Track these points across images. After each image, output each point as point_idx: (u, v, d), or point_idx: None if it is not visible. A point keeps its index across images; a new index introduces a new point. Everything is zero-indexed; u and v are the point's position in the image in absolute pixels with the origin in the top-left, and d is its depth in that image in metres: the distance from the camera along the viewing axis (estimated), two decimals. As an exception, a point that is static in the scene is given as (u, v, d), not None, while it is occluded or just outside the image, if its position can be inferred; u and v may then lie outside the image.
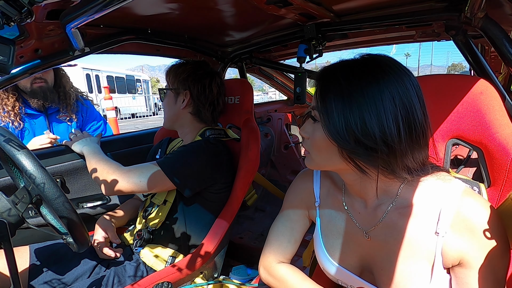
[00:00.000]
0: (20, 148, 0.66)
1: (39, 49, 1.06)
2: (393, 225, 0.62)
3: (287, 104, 2.65)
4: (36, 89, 1.64)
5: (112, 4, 0.73)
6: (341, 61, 0.60)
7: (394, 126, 0.53)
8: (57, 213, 0.67)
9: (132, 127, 10.17)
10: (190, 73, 1.21)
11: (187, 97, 1.21)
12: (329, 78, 0.58)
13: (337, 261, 0.72)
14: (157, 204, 1.17)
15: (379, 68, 0.55)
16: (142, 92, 18.56)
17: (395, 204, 0.62)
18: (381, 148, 0.53)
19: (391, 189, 0.62)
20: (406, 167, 0.56)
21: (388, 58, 0.57)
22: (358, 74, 0.55)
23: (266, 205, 2.21)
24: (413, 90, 0.55)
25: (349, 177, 0.64)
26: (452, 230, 0.56)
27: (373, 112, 0.53)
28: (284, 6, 1.05)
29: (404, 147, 0.54)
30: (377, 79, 0.54)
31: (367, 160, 0.56)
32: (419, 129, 0.55)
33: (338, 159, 0.59)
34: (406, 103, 0.54)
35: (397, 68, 0.56)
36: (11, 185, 1.20)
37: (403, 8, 1.09)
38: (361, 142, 0.54)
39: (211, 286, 1.02)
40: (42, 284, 1.02)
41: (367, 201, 0.66)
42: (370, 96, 0.53)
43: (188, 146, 1.14)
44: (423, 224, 0.59)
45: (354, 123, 0.54)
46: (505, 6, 0.87)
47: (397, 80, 0.54)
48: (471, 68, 0.98)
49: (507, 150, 0.66)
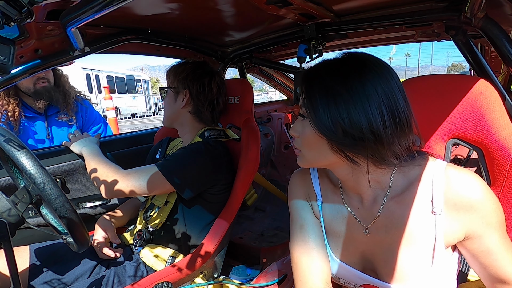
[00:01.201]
0: (20, 148, 0.66)
1: (39, 49, 1.06)
2: (392, 215, 0.63)
3: (287, 104, 2.65)
4: (40, 90, 1.63)
5: (112, 4, 0.73)
6: (323, 60, 0.63)
7: (378, 114, 0.55)
8: (57, 213, 0.67)
9: (132, 127, 10.17)
10: (189, 72, 1.21)
11: (186, 96, 1.21)
12: (314, 76, 0.61)
13: (340, 259, 0.72)
14: (158, 206, 1.17)
15: (360, 62, 0.59)
16: (142, 92, 18.56)
17: (390, 193, 0.63)
18: (367, 136, 0.55)
19: (383, 179, 0.63)
20: (394, 153, 0.58)
21: (368, 55, 0.60)
22: (340, 69, 0.58)
23: (266, 205, 2.21)
24: (393, 81, 0.58)
25: (342, 172, 0.65)
26: (447, 207, 0.58)
27: (358, 103, 0.55)
28: (284, 6, 1.05)
29: (390, 134, 0.56)
30: (359, 72, 0.57)
31: (356, 150, 0.58)
32: (403, 116, 0.58)
33: (328, 153, 0.61)
34: (388, 93, 0.56)
35: (377, 62, 0.59)
36: (11, 185, 1.20)
37: (403, 8, 1.09)
38: (348, 133, 0.56)
39: (211, 286, 1.02)
40: (42, 284, 1.02)
41: (363, 196, 0.67)
42: (354, 89, 0.56)
43: (187, 148, 1.14)
44: (419, 207, 0.60)
45: (340, 116, 0.56)
46: (505, 6, 0.87)
47: (378, 73, 0.57)
48: (471, 68, 0.98)
49: (507, 150, 0.66)
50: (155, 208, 1.18)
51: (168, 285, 0.81)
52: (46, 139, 1.71)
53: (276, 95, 16.01)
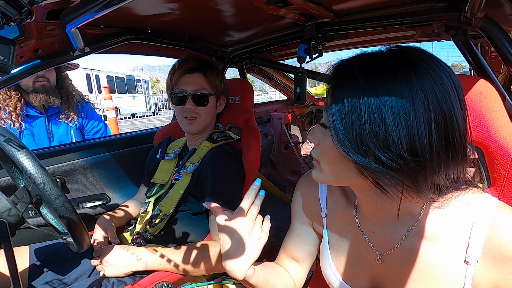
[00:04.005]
0: (20, 148, 0.66)
1: (39, 49, 1.06)
2: (413, 250, 0.54)
3: (287, 104, 2.65)
4: (39, 88, 1.65)
5: (112, 4, 0.73)
6: (361, 53, 0.48)
7: (426, 137, 0.42)
8: (57, 213, 0.67)
9: (132, 127, 10.17)
10: (221, 75, 1.23)
11: (224, 100, 1.25)
12: (344, 74, 0.47)
13: (345, 279, 0.66)
14: (165, 213, 1.14)
15: (410, 62, 0.44)
16: (142, 92, 18.56)
17: (417, 227, 0.53)
18: (407, 163, 0.43)
19: (412, 210, 0.53)
20: (436, 185, 0.47)
21: (423, 51, 0.46)
22: (381, 69, 0.44)
23: (266, 205, 2.21)
24: (454, 92, 0.44)
25: (363, 193, 0.56)
26: (484, 258, 0.47)
27: (401, 117, 0.42)
28: (284, 6, 1.05)
29: (436, 162, 0.44)
30: (408, 75, 0.42)
31: (389, 177, 0.45)
32: (459, 142, 0.45)
33: (354, 175, 0.49)
34: (445, 108, 0.43)
35: (434, 63, 0.44)
36: (11, 185, 1.20)
37: (403, 8, 1.09)
38: (380, 155, 0.43)
39: (211, 286, 1.02)
40: (42, 284, 1.02)
41: (383, 221, 0.57)
42: (397, 97, 0.42)
43: (221, 174, 1.10)
44: (450, 250, 0.50)
45: (373, 131, 0.43)
46: (505, 6, 0.87)
47: (434, 79, 0.43)
48: (471, 68, 0.98)
49: (507, 150, 0.65)
50: (161, 215, 1.15)
51: (168, 285, 0.81)
52: (48, 138, 1.71)
53: (276, 95, 16.00)
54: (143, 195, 1.37)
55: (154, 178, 1.28)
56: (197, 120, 1.20)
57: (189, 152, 1.23)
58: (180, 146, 1.32)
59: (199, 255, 0.98)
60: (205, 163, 1.13)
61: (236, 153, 1.22)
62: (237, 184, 1.13)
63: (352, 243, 0.64)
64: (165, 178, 1.25)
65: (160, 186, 1.24)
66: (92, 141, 1.62)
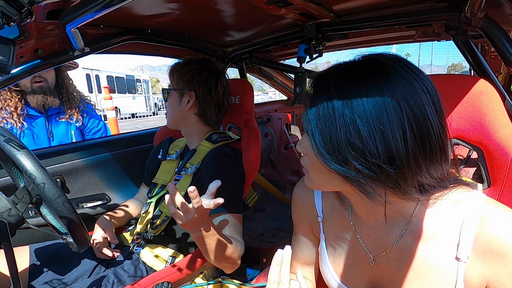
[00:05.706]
0: (20, 148, 0.66)
1: (39, 49, 1.06)
2: (408, 250, 0.56)
3: (287, 104, 2.65)
4: (36, 89, 1.65)
5: (112, 4, 0.73)
6: (335, 65, 0.51)
7: (401, 143, 0.44)
8: (57, 213, 0.67)
9: (132, 127, 10.17)
10: (195, 73, 1.17)
11: (192, 98, 1.17)
12: (320, 87, 0.50)
13: (343, 281, 0.68)
14: (166, 215, 1.14)
15: (382, 71, 0.46)
16: (142, 92, 18.57)
17: (410, 227, 0.55)
18: (385, 166, 0.45)
19: (405, 210, 0.55)
20: (420, 185, 0.49)
21: (393, 58, 0.48)
22: (354, 80, 0.46)
23: (266, 205, 2.21)
24: (425, 96, 0.46)
25: (354, 198, 0.58)
26: (475, 254, 0.49)
27: (376, 127, 0.44)
28: (284, 6, 1.05)
29: (415, 163, 0.46)
30: (379, 85, 0.45)
31: (371, 181, 0.47)
32: (435, 143, 0.46)
33: (339, 182, 0.51)
34: (418, 113, 0.44)
35: (406, 70, 0.46)
36: (11, 185, 1.20)
37: (403, 8, 1.09)
38: (358, 164, 0.45)
39: (211, 286, 1.02)
40: (42, 284, 1.02)
41: (376, 223, 0.59)
42: (370, 107, 0.44)
43: (224, 175, 1.07)
44: (442, 248, 0.52)
45: (349, 142, 0.45)
46: (505, 6, 0.87)
47: (405, 86, 0.45)
48: (471, 68, 0.98)
49: (507, 150, 0.65)
50: (163, 216, 1.15)
51: (168, 285, 0.81)
52: (48, 137, 1.72)
53: (276, 95, 16.01)
54: (144, 195, 1.37)
55: (155, 178, 1.28)
56: (167, 115, 1.25)
57: (190, 152, 1.23)
58: (181, 146, 1.31)
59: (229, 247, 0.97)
60: (205, 165, 1.13)
61: (236, 155, 1.21)
62: (238, 184, 1.13)
63: (348, 246, 0.66)
64: (166, 179, 1.25)
65: (162, 187, 1.24)
66: (92, 141, 1.62)
